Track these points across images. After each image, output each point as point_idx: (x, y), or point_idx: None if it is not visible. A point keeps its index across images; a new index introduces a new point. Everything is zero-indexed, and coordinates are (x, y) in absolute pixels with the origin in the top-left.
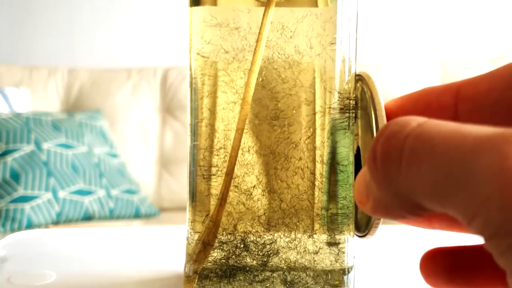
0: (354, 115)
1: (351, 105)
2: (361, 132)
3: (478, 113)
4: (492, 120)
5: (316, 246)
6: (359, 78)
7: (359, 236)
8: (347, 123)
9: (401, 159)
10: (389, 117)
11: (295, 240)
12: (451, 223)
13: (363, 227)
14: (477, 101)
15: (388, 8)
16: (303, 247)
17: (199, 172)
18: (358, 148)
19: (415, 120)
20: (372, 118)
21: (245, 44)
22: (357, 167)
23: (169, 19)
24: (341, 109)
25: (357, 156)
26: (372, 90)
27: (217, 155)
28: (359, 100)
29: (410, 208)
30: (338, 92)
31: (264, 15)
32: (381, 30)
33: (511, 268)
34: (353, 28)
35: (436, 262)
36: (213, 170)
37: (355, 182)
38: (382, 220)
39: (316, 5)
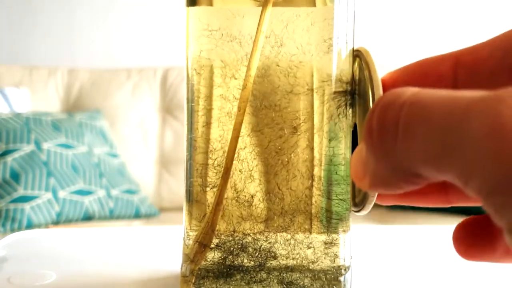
0: (352, 96)
1: (348, 92)
2: (358, 108)
3: (478, 81)
4: (491, 88)
5: (313, 247)
6: (357, 54)
7: (355, 211)
8: (344, 104)
9: (397, 129)
10: (385, 90)
11: (292, 240)
12: (448, 196)
13: (359, 204)
14: (476, 69)
15: (389, 8)
16: (300, 247)
17: (195, 183)
18: (355, 124)
19: (409, 90)
20: (369, 93)
21: (242, 53)
22: (354, 144)
23: (169, 19)
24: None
25: (354, 133)
26: (369, 64)
27: (214, 168)
28: (356, 82)
29: (407, 178)
30: (335, 90)
31: (261, 15)
32: (382, 30)
33: (507, 225)
34: (350, 27)
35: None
36: (210, 179)
37: (352, 159)
38: (376, 196)
39: (314, 5)
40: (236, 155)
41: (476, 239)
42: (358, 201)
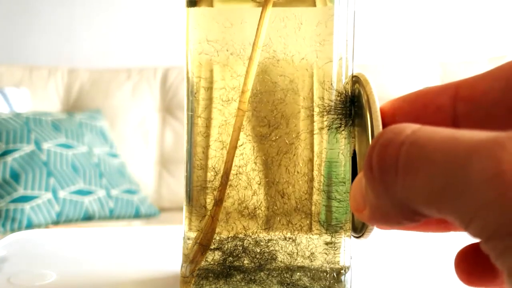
0: (350, 117)
1: (347, 107)
2: (357, 135)
3: (477, 114)
4: (491, 121)
5: (313, 247)
6: (356, 80)
7: (355, 237)
8: (343, 125)
9: (397, 167)
10: (385, 119)
11: (293, 242)
12: (448, 225)
13: (359, 229)
14: (476, 102)
15: (388, 8)
16: (300, 247)
17: (195, 189)
18: (354, 151)
19: (410, 127)
20: (367, 124)
21: (241, 62)
22: (353, 170)
23: (169, 19)
24: (337, 110)
25: (353, 159)
26: (368, 95)
27: (214, 178)
28: (355, 101)
29: (407, 215)
30: (336, 94)
31: (261, 15)
32: (381, 30)
33: (508, 269)
34: (350, 28)
35: (473, 258)
36: (209, 186)
37: (351, 190)
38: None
39: (314, 5)
40: (236, 160)
41: (476, 267)
42: (358, 227)
